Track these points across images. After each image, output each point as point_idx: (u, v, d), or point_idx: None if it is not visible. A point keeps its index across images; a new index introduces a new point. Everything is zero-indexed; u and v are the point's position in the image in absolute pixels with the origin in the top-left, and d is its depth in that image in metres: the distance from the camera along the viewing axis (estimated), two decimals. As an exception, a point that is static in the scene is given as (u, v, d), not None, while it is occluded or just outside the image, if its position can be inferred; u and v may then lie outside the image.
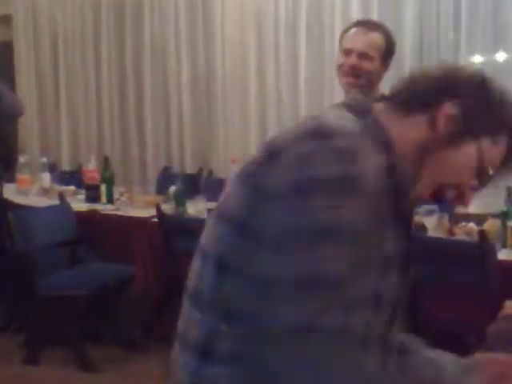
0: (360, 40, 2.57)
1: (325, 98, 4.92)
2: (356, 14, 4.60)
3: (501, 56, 4.42)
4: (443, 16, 4.48)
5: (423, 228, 3.47)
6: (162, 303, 3.94)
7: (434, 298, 3.25)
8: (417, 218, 3.52)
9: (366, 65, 2.56)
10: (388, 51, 2.61)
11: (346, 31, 2.67)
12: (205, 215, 3.81)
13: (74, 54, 6.15)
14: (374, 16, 4.51)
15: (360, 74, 2.56)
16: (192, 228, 3.85)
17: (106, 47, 5.97)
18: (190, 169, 5.60)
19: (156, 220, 3.98)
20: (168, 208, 4.19)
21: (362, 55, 2.56)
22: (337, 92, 4.58)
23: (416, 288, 2.91)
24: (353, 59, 2.56)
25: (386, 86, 2.72)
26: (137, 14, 5.78)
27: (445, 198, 1.26)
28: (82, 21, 6.07)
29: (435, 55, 4.54)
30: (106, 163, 4.89)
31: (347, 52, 2.58)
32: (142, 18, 5.74)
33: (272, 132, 5.16)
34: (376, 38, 2.58)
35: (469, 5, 4.38)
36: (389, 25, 2.71)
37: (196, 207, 4.26)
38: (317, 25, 4.96)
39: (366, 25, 2.65)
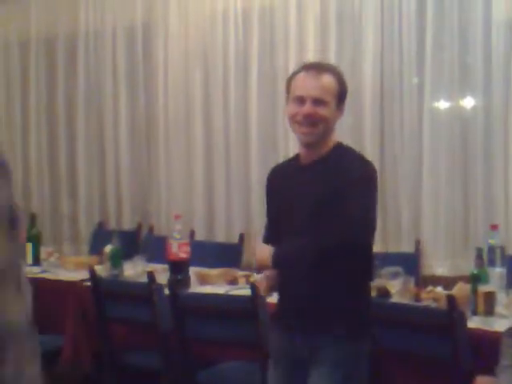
0: (312, 85, 2.59)
1: (279, 145, 4.95)
2: (312, 53, 4.69)
3: (468, 102, 4.51)
4: (406, 59, 4.56)
5: (387, 293, 3.48)
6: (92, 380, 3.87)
7: (399, 370, 3.25)
8: (380, 282, 3.54)
9: (322, 111, 2.59)
10: (342, 93, 2.65)
11: (293, 76, 2.69)
12: (144, 278, 3.77)
13: (-2, 96, 6.10)
14: (332, 59, 4.58)
15: (317, 122, 2.59)
16: (129, 293, 3.87)
17: (34, 89, 5.93)
18: (127, 225, 5.56)
19: (89, 284, 3.92)
20: (103, 270, 4.14)
21: (317, 101, 2.58)
22: (291, 137, 4.65)
23: (379, 358, 2.93)
24: (307, 107, 2.58)
25: (346, 133, 2.78)
26: (70, 51, 5.78)
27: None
28: (7, 60, 6.03)
29: (397, 101, 4.62)
30: (32, 219, 4.83)
31: (300, 100, 2.60)
32: (75, 55, 5.75)
33: (220, 184, 5.18)
34: (328, 80, 2.61)
35: (433, 47, 4.46)
36: (347, 68, 2.75)
37: (134, 268, 4.22)
38: (269, 64, 5.01)
39: (315, 67, 2.67)
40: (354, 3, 4.70)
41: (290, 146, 4.63)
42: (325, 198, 2.55)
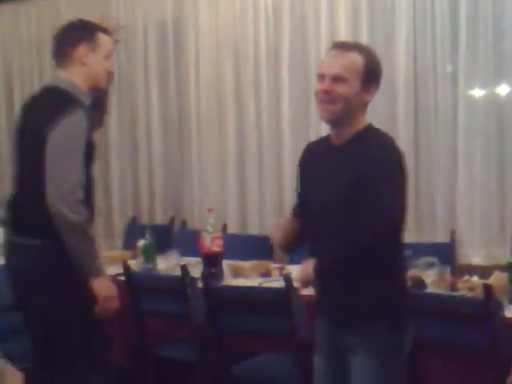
0: (334, 63, 2.55)
1: (311, 135, 4.93)
2: (344, 38, 4.61)
3: (503, 89, 4.45)
4: (439, 45, 4.51)
5: (422, 284, 3.46)
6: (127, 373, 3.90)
7: (434, 360, 3.24)
8: (415, 273, 3.51)
9: (341, 89, 2.53)
10: (369, 72, 2.57)
11: (325, 55, 2.71)
12: (178, 271, 3.79)
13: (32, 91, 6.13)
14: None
15: (335, 100, 2.54)
16: (163, 287, 3.88)
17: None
18: (160, 219, 5.58)
19: (123, 278, 3.94)
20: (136, 264, 4.16)
21: (336, 79, 2.53)
22: (323, 127, 4.63)
23: (415, 349, 2.91)
24: (325, 84, 2.54)
25: (379, 120, 2.73)
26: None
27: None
28: (40, 57, 6.08)
29: (431, 88, 4.57)
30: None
31: (321, 77, 2.57)
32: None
33: (252, 176, 5.17)
34: (353, 59, 2.55)
35: (467, 34, 4.41)
36: (379, 55, 2.72)
37: (168, 262, 4.24)
38: (300, 55, 4.99)
39: (342, 46, 2.62)
40: (386, 1, 4.66)
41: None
42: (350, 184, 2.52)
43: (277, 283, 3.69)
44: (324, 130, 4.56)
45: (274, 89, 5.12)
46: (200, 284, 3.72)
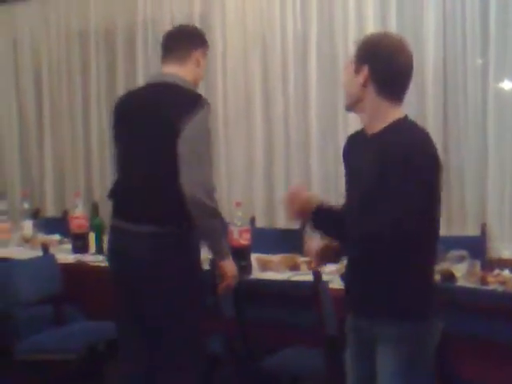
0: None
1: (338, 127, 4.91)
2: (371, 28, 4.63)
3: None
4: (469, 39, 4.48)
5: (452, 277, 3.44)
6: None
7: (463, 353, 3.20)
8: (445, 266, 3.49)
9: (344, 77, 2.67)
10: (358, 55, 2.61)
11: None
12: (207, 265, 3.79)
13: (59, 88, 6.19)
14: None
15: (344, 88, 2.69)
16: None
17: (95, 80, 6.01)
18: (189, 213, 5.57)
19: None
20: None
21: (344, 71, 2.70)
22: (352, 121, 4.60)
23: (444, 342, 2.89)
24: None
25: (408, 113, 2.71)
26: (128, 42, 5.84)
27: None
28: (69, 51, 6.12)
29: (461, 81, 4.54)
30: (95, 209, 4.88)
31: None
32: (134, 45, 5.79)
33: (280, 170, 5.16)
34: (355, 47, 2.64)
35: (497, 26, 4.37)
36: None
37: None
38: (328, 45, 4.97)
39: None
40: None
41: (351, 131, 4.56)
42: (375, 176, 2.52)
43: (305, 277, 3.68)
44: (352, 121, 4.57)
45: (301, 81, 5.11)
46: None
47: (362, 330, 2.69)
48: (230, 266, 3.45)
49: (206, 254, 4.10)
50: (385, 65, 2.58)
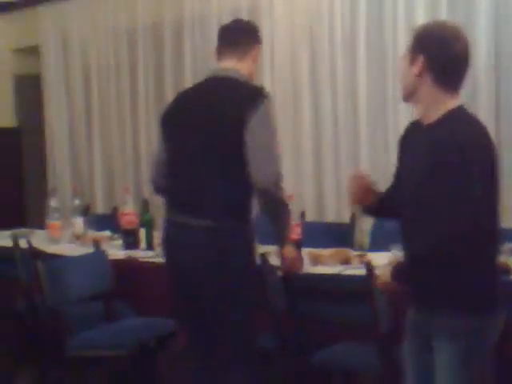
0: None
1: (388, 120, 4.84)
2: (422, 21, 4.51)
3: None
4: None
5: (508, 270, 3.36)
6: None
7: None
8: (501, 259, 3.41)
9: (400, 68, 2.66)
10: (414, 45, 2.58)
11: None
12: (257, 260, 3.77)
13: (108, 85, 6.24)
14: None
15: (400, 79, 2.66)
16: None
17: (142, 77, 6.04)
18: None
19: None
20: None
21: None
22: (401, 112, 4.54)
23: (506, 336, 2.82)
24: None
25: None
26: (176, 37, 5.84)
27: None
28: (117, 48, 6.16)
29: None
30: (145, 205, 4.89)
31: None
32: (181, 40, 5.80)
33: (329, 164, 5.11)
34: (410, 39, 2.61)
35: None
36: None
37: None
38: (378, 38, 4.92)
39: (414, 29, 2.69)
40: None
41: (401, 121, 4.50)
42: (428, 169, 2.50)
43: (357, 271, 3.63)
44: (401, 112, 4.51)
45: (350, 74, 5.06)
46: (279, 272, 3.70)
47: (422, 325, 2.66)
48: (293, 252, 3.54)
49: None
50: (440, 53, 2.54)
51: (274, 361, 3.85)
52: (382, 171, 4.78)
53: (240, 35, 3.53)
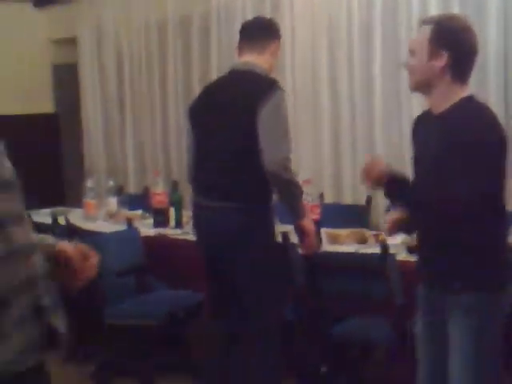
0: (413, 38, 2.73)
1: (402, 107, 4.77)
2: (434, 13, 4.42)
3: None
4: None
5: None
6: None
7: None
8: (510, 240, 3.35)
9: (412, 61, 2.60)
10: (437, 40, 2.52)
11: None
12: (279, 238, 3.75)
13: (139, 74, 6.22)
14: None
15: (410, 72, 2.62)
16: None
17: (172, 66, 6.00)
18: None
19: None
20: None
21: (411, 52, 2.60)
22: (414, 100, 4.47)
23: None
24: (407, 58, 2.64)
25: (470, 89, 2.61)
26: (204, 29, 5.79)
27: None
28: (148, 40, 6.12)
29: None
30: (174, 186, 4.88)
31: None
32: (209, 32, 5.74)
33: (346, 148, 5.06)
34: (423, 32, 2.55)
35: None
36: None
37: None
38: (392, 29, 4.81)
39: (424, 21, 2.64)
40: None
41: (414, 108, 4.43)
42: (442, 153, 2.48)
43: (373, 249, 3.60)
44: (415, 102, 4.44)
45: (366, 63, 4.96)
46: (300, 249, 3.68)
47: (435, 301, 2.62)
48: (309, 225, 3.52)
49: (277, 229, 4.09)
50: (467, 53, 2.54)
51: (293, 333, 3.84)
52: (397, 155, 4.73)
53: (259, 31, 3.58)
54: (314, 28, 5.17)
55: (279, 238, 3.67)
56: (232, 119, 3.43)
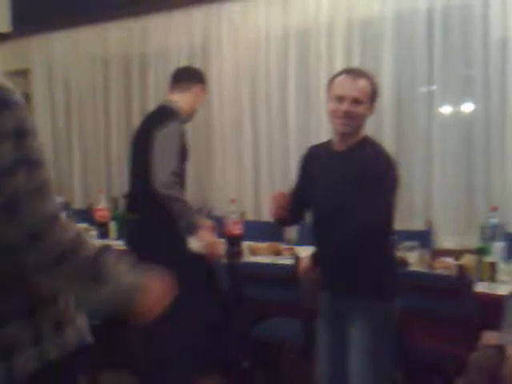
0: (351, 87, 2.55)
1: (312, 140, 4.86)
2: (340, 65, 4.56)
3: (469, 107, 4.41)
4: (418, 73, 4.45)
5: (405, 263, 3.42)
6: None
7: (417, 327, 3.20)
8: (400, 254, 3.48)
9: (358, 109, 2.55)
10: (374, 95, 2.60)
11: (334, 78, 2.64)
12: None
13: (85, 104, 6.11)
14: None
15: (353, 117, 2.55)
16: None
17: (114, 99, 5.93)
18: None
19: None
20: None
21: (354, 101, 2.54)
22: (322, 133, 4.57)
23: (401, 316, 2.87)
24: (346, 105, 2.54)
25: (367, 129, 2.70)
26: (143, 67, 5.75)
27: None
28: (93, 73, 6.04)
29: (411, 105, 4.52)
30: (115, 202, 4.84)
31: (340, 99, 2.56)
32: (147, 71, 5.71)
33: (265, 174, 5.13)
34: (364, 84, 2.57)
35: (442, 63, 4.35)
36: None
37: (198, 243, 4.20)
38: (304, 77, 4.92)
39: (354, 72, 2.62)
40: (374, 33, 4.57)
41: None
42: (352, 183, 2.50)
43: (287, 261, 3.65)
44: (323, 135, 4.53)
45: (281, 104, 5.04)
46: (224, 260, 3.70)
47: (337, 306, 2.66)
48: (204, 236, 3.45)
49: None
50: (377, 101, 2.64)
51: (219, 332, 3.84)
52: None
53: (185, 76, 3.72)
54: (239, 70, 5.22)
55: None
56: (139, 140, 3.58)
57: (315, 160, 2.74)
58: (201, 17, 5.34)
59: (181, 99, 3.63)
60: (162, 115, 3.54)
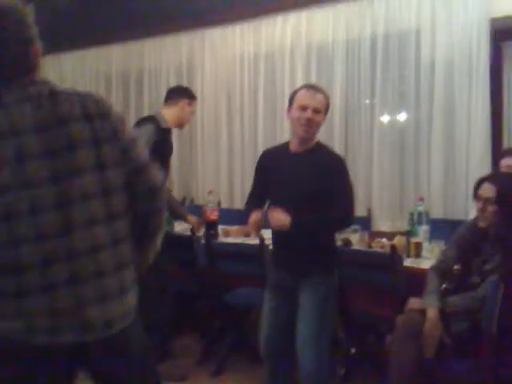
0: (313, 99, 2.54)
1: (276, 142, 4.84)
2: (300, 82, 4.55)
3: (403, 116, 4.45)
4: (363, 89, 4.48)
5: (349, 243, 3.46)
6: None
7: (357, 295, 3.23)
8: (345, 236, 3.50)
9: (318, 118, 2.55)
10: (327, 107, 2.62)
11: (297, 91, 2.63)
12: (188, 232, 3.74)
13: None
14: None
15: (313, 125, 2.55)
16: (178, 242, 3.81)
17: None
18: (177, 197, 5.47)
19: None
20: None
21: (315, 111, 2.54)
22: (285, 137, 4.57)
23: (344, 287, 2.89)
24: (309, 113, 2.53)
25: (321, 137, 2.72)
26: (139, 83, 5.71)
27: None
28: (97, 88, 5.98)
29: (357, 115, 4.53)
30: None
31: (303, 108, 2.54)
32: (142, 85, 5.68)
33: (238, 173, 5.12)
34: (321, 97, 2.58)
35: (382, 79, 4.38)
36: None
37: (181, 226, 4.19)
38: (271, 92, 4.93)
39: (313, 87, 2.63)
40: (328, 56, 4.58)
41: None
42: (314, 179, 2.51)
43: (254, 241, 3.66)
44: (286, 139, 4.51)
45: (252, 113, 5.04)
46: (203, 240, 3.69)
47: (287, 283, 2.63)
48: (193, 218, 3.79)
49: (187, 226, 4.09)
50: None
51: (197, 299, 3.84)
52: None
53: (173, 93, 3.69)
54: (217, 85, 5.21)
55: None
56: None
57: (273, 160, 2.70)
58: (187, 41, 5.32)
59: (168, 112, 3.60)
60: (143, 120, 3.56)
